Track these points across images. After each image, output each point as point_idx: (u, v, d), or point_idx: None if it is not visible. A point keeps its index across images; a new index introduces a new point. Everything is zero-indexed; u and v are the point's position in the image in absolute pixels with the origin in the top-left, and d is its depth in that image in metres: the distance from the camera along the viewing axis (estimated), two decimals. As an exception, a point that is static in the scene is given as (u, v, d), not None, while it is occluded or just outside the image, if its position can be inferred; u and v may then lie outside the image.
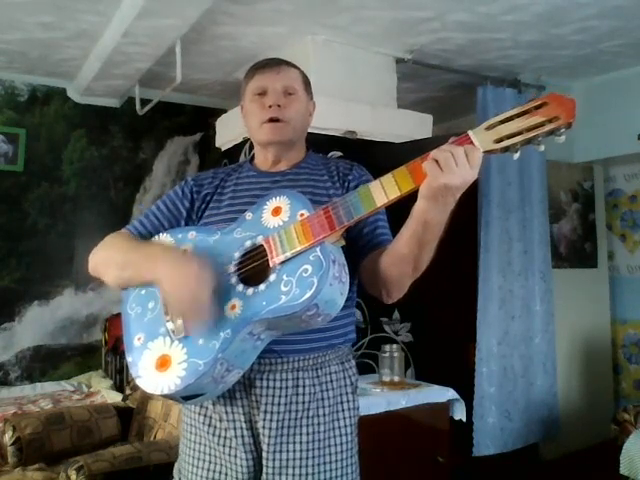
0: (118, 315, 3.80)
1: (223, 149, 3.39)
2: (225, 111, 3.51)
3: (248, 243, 1.14)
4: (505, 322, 3.33)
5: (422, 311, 3.09)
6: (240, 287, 1.09)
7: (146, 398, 2.57)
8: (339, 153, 2.98)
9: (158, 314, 1.15)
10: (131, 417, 2.60)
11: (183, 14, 2.65)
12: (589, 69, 3.66)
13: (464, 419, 2.68)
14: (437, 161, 0.98)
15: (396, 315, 3.08)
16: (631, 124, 3.55)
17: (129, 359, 1.14)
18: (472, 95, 3.45)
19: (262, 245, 1.12)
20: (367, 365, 2.94)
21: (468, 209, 3.42)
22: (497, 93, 3.40)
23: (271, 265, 1.08)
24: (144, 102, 3.75)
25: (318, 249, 1.05)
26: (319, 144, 2.90)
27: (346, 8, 2.78)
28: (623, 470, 2.57)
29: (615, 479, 2.63)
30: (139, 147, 4.10)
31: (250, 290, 1.08)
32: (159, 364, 1.08)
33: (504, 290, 3.34)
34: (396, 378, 2.65)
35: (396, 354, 2.68)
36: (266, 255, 1.10)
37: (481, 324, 3.25)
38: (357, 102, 3.10)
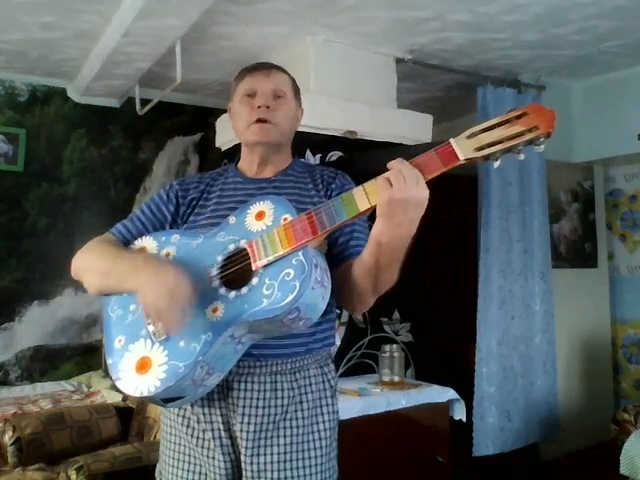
0: (118, 315, 3.82)
1: (223, 149, 3.39)
2: (225, 111, 3.49)
3: (231, 247, 1.14)
4: (505, 322, 3.33)
5: (422, 311, 3.10)
6: (222, 290, 1.09)
7: (146, 398, 2.57)
8: (339, 153, 2.99)
9: (139, 316, 1.15)
10: (131, 417, 2.60)
11: (183, 14, 2.65)
12: (589, 69, 3.66)
13: (464, 419, 2.68)
14: (388, 179, 1.01)
15: (396, 315, 3.08)
16: (631, 124, 3.55)
17: (109, 361, 1.14)
18: (472, 95, 3.46)
19: (245, 249, 1.12)
20: (367, 365, 2.94)
21: (468, 209, 3.42)
22: (497, 93, 3.40)
23: (254, 269, 1.08)
24: (144, 102, 3.74)
25: (300, 253, 1.06)
26: (319, 144, 2.92)
27: (346, 8, 2.77)
28: (623, 470, 2.57)
29: (615, 479, 2.63)
30: (139, 147, 4.10)
31: (232, 293, 1.08)
32: (139, 366, 1.08)
33: (504, 290, 3.34)
34: (396, 378, 2.66)
35: (396, 354, 2.69)
36: (249, 259, 1.10)
37: (481, 324, 3.25)
38: (357, 102, 3.10)
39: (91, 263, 1.24)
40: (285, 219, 1.11)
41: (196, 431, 1.22)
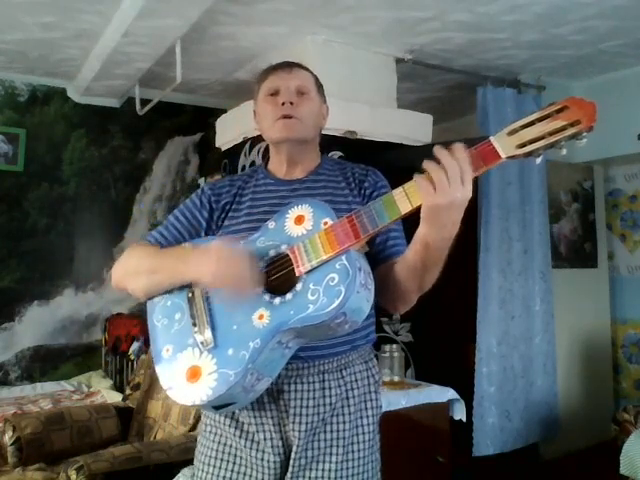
0: (118, 315, 3.83)
1: (223, 149, 3.39)
2: (225, 111, 3.51)
3: (272, 252, 1.14)
4: (505, 322, 3.33)
5: (422, 311, 3.08)
6: (267, 297, 1.09)
7: (146, 398, 2.57)
8: (339, 153, 2.98)
9: (185, 325, 1.15)
10: (131, 417, 2.60)
11: (183, 14, 2.65)
12: (589, 69, 3.66)
13: (464, 419, 2.68)
14: (431, 182, 0.98)
15: (396, 315, 3.08)
16: (631, 124, 3.55)
17: (158, 370, 1.14)
18: (472, 95, 3.45)
19: (287, 254, 1.11)
20: (367, 365, 2.94)
21: (468, 209, 3.41)
22: (497, 93, 3.40)
23: (297, 274, 1.07)
24: (144, 102, 3.74)
25: (344, 257, 1.05)
26: (319, 144, 2.92)
27: (346, 8, 2.78)
28: (623, 470, 2.57)
29: (615, 479, 2.63)
30: (139, 147, 4.10)
31: (277, 300, 1.07)
32: (190, 375, 1.08)
33: (504, 290, 3.34)
34: (396, 378, 2.65)
35: (396, 354, 2.69)
36: (291, 264, 1.09)
37: (481, 324, 3.25)
38: (357, 102, 3.10)
39: (135, 265, 1.24)
40: (325, 223, 1.10)
41: (245, 432, 1.22)
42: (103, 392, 3.32)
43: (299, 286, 1.07)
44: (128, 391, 2.77)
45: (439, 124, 3.64)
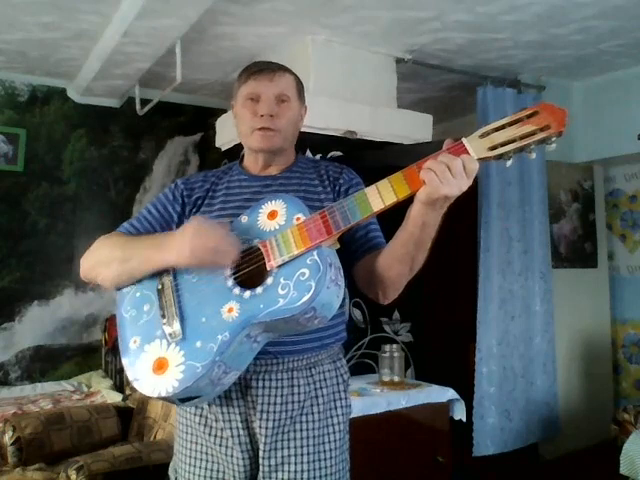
0: (118, 315, 3.82)
1: (223, 149, 3.39)
2: (225, 111, 3.51)
3: (244, 246, 1.15)
4: (505, 322, 3.33)
5: (422, 311, 3.10)
6: (237, 290, 1.10)
7: (146, 398, 2.57)
8: (339, 153, 2.99)
9: (154, 317, 1.15)
10: (131, 417, 2.60)
11: (183, 14, 2.65)
12: (589, 69, 3.66)
13: (464, 419, 2.68)
14: (435, 173, 0.99)
15: (396, 315, 3.08)
16: (631, 124, 3.55)
17: (125, 362, 1.14)
18: (472, 95, 3.46)
19: (258, 248, 1.12)
20: (367, 365, 2.94)
21: (468, 209, 3.42)
22: (497, 93, 3.40)
23: (268, 268, 1.08)
24: (144, 102, 3.74)
25: (315, 253, 1.06)
26: (319, 144, 2.92)
27: (346, 8, 2.78)
28: (623, 470, 2.57)
29: (615, 479, 2.63)
30: (139, 147, 4.10)
31: (247, 293, 1.08)
32: (156, 367, 1.09)
33: (504, 290, 3.34)
34: (396, 378, 2.65)
35: (396, 354, 2.69)
36: (262, 258, 1.10)
37: (481, 324, 3.25)
38: (357, 102, 3.10)
39: (106, 255, 1.23)
40: (298, 219, 1.11)
41: (214, 429, 1.23)
42: (103, 392, 3.31)
43: (270, 280, 1.07)
44: (128, 391, 2.77)
45: (439, 124, 3.64)
